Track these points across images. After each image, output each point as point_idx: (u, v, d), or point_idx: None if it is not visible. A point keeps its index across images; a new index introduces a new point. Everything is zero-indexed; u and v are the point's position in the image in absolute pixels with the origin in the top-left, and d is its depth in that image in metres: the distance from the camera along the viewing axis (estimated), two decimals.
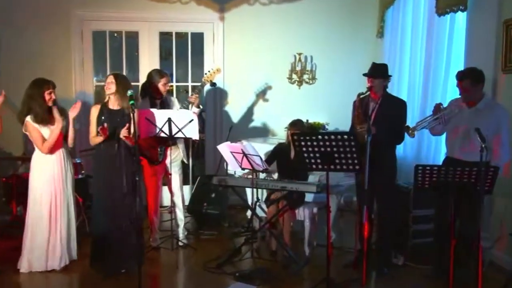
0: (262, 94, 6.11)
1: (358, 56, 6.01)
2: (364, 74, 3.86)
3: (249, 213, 5.11)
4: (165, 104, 4.44)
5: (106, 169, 3.77)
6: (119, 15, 5.82)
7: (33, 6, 5.59)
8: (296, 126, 4.29)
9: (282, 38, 6.07)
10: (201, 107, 4.61)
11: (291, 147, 4.29)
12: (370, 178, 3.43)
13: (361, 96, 3.74)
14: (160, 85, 4.37)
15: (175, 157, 4.53)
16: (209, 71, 4.65)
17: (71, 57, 5.75)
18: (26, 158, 4.65)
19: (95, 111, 3.84)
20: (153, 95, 4.40)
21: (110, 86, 3.78)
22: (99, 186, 3.85)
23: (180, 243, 4.54)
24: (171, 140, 4.29)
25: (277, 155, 4.40)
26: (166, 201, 5.61)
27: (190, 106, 4.50)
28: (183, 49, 6.04)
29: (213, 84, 4.65)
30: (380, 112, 3.76)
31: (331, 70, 6.16)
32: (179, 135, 4.14)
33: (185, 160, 4.67)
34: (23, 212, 4.41)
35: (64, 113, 3.90)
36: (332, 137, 3.25)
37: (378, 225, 3.94)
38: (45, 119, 3.81)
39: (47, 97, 3.79)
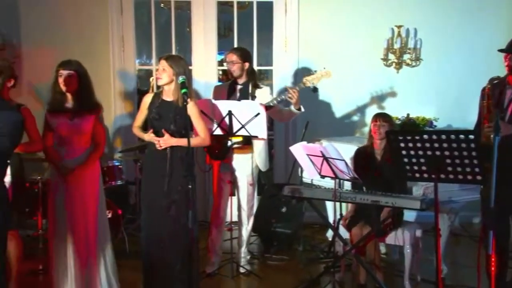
0: (348, 80, 6.07)
1: (484, 28, 5.87)
2: (501, 50, 3.68)
3: (330, 233, 5.12)
4: (246, 92, 4.56)
5: (155, 173, 3.87)
6: None
7: None
8: (385, 119, 4.28)
9: (375, 5, 6.03)
10: (302, 109, 4.55)
11: (374, 148, 4.27)
12: (502, 193, 3.30)
13: (494, 82, 3.56)
14: (225, 64, 4.54)
15: (247, 160, 4.60)
16: (315, 71, 4.65)
17: (108, 35, 5.95)
18: None
19: (147, 99, 3.93)
20: (234, 80, 4.60)
21: (162, 75, 3.76)
22: (146, 195, 3.96)
23: (242, 270, 4.62)
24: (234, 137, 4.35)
25: (358, 164, 4.37)
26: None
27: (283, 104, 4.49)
28: (246, 24, 6.11)
29: (315, 90, 4.67)
30: None
31: (442, 48, 6.04)
32: (242, 132, 4.24)
33: (263, 166, 4.72)
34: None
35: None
36: (443, 137, 3.16)
37: None
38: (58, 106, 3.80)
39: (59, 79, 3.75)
